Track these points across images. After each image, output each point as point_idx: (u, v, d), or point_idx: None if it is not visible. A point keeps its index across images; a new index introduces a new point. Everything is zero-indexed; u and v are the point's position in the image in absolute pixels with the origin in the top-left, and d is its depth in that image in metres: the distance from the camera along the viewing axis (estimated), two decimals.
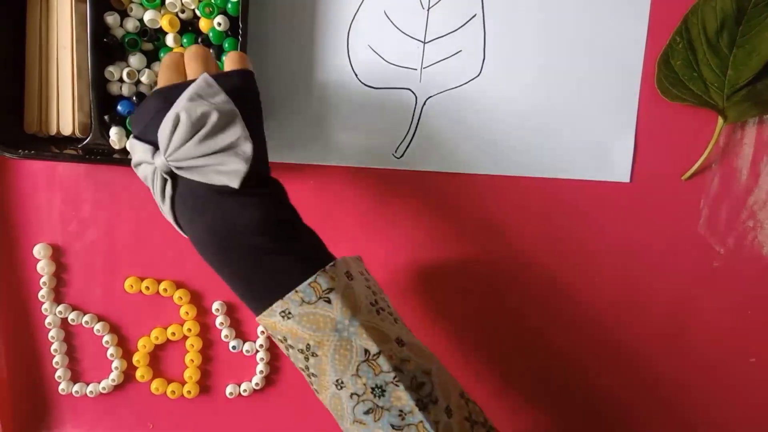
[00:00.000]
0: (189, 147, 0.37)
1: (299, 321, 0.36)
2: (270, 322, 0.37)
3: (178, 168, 0.38)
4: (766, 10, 0.47)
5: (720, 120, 0.50)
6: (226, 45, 0.48)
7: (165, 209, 0.40)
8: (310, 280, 0.36)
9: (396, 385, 0.35)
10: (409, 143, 0.52)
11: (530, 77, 0.51)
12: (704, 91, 0.49)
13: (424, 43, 0.50)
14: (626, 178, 0.52)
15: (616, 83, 0.51)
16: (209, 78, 0.38)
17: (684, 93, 0.49)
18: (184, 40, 0.48)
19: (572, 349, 0.55)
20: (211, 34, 0.48)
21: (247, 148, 0.37)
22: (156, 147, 0.38)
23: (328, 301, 0.36)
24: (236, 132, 0.37)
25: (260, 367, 0.55)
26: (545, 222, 0.53)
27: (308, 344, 0.36)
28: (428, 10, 0.50)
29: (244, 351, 0.55)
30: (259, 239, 0.37)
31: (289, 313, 0.36)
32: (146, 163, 0.39)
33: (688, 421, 0.56)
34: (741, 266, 0.53)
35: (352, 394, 0.36)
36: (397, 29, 0.50)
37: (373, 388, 0.35)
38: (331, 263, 0.37)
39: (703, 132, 0.51)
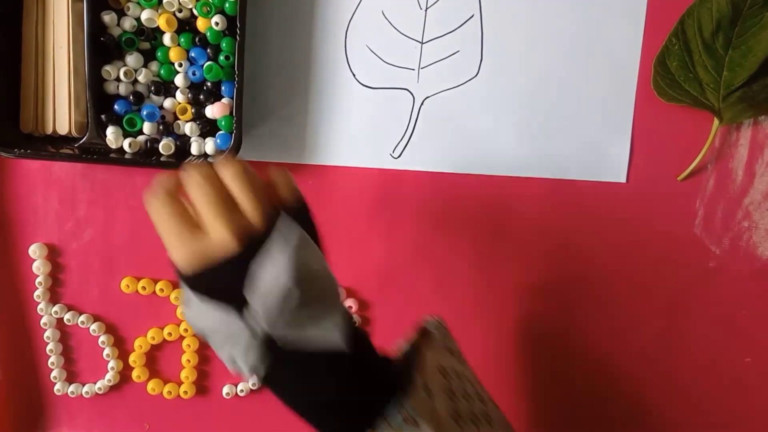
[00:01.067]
0: (296, 314, 0.31)
1: None
2: None
3: (278, 331, 0.32)
4: (761, 12, 0.47)
5: (716, 121, 0.50)
6: (224, 45, 0.48)
7: (245, 368, 0.33)
8: (396, 405, 0.33)
9: None
10: (407, 143, 0.52)
11: (527, 78, 0.51)
12: (700, 92, 0.49)
13: (422, 43, 0.50)
14: (622, 179, 0.52)
15: (613, 84, 0.51)
16: (296, 225, 0.32)
17: (680, 94, 0.50)
18: (182, 40, 0.48)
19: (566, 348, 0.55)
20: (208, 34, 0.48)
21: (341, 293, 0.35)
22: (238, 305, 0.31)
23: (417, 425, 0.33)
24: (333, 280, 0.34)
25: None
26: (542, 222, 0.53)
27: None
28: (426, 11, 0.50)
29: None
30: (351, 390, 0.34)
31: None
32: (225, 319, 0.32)
33: (685, 420, 0.56)
34: (736, 266, 0.53)
35: None
36: (395, 29, 0.50)
37: None
38: (411, 382, 0.35)
39: (698, 133, 0.51)
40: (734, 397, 0.55)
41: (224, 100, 0.49)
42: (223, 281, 0.31)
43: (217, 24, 0.47)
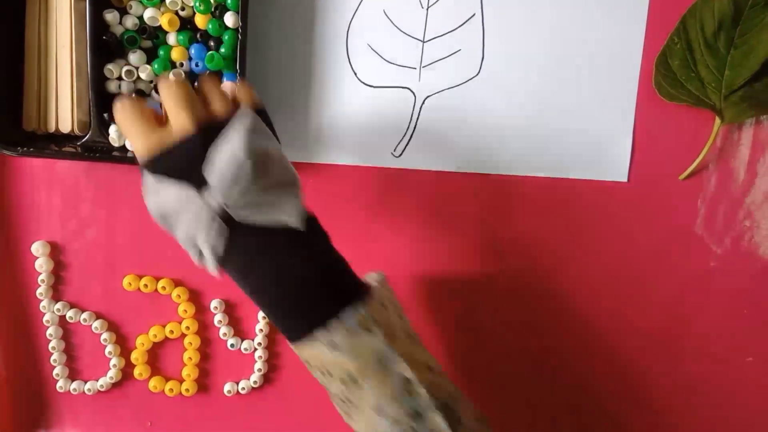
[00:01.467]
0: (252, 189, 0.35)
1: (344, 351, 0.36)
2: (311, 353, 0.38)
3: (237, 210, 0.35)
4: (763, 12, 0.47)
5: (717, 120, 0.50)
6: (225, 37, 0.48)
7: (207, 250, 0.36)
8: (354, 311, 0.36)
9: (432, 411, 0.36)
10: (408, 142, 0.52)
11: (529, 77, 0.51)
12: (702, 92, 0.49)
13: (423, 42, 0.50)
14: (624, 178, 0.52)
15: (615, 83, 0.51)
16: (253, 113, 0.36)
17: (682, 93, 0.50)
18: (180, 37, 0.48)
19: (568, 347, 0.55)
20: (210, 26, 0.48)
21: (299, 184, 0.38)
22: (197, 185, 0.35)
23: (370, 331, 0.36)
24: (290, 169, 0.38)
25: (258, 365, 0.55)
26: (543, 221, 0.53)
27: (349, 373, 0.37)
28: (427, 10, 0.50)
29: (242, 349, 0.55)
30: (306, 273, 0.37)
31: (335, 342, 0.36)
32: (180, 201, 0.35)
33: (686, 420, 0.56)
34: (738, 266, 0.53)
35: (393, 420, 0.37)
36: (397, 28, 0.50)
37: (411, 414, 0.37)
38: (368, 292, 0.38)
39: (700, 132, 0.51)
40: (736, 396, 0.55)
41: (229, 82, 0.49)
42: (180, 161, 0.35)
43: (223, 25, 0.47)
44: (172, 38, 0.48)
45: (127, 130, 0.36)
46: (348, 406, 0.39)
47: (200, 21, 0.48)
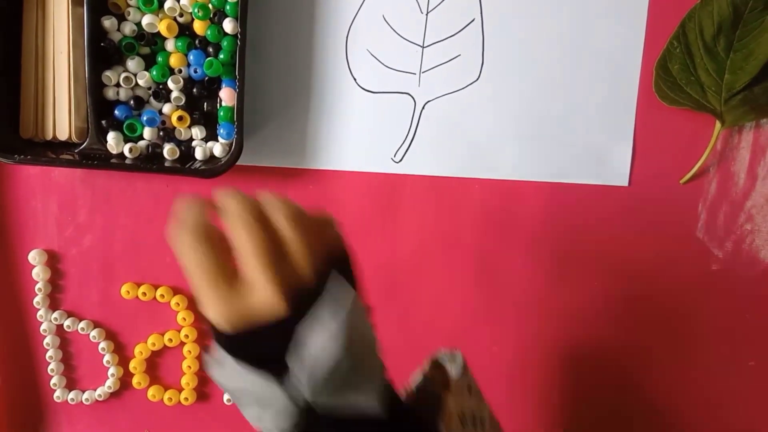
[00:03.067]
0: (339, 381, 0.28)
1: None
2: None
3: (320, 405, 0.28)
4: (762, 15, 0.47)
5: (717, 124, 0.50)
6: (224, 44, 0.48)
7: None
8: None
9: None
10: (408, 147, 0.52)
11: (529, 82, 0.51)
12: (702, 95, 0.49)
13: (423, 47, 0.50)
14: (625, 182, 0.52)
15: (615, 88, 0.51)
16: (343, 279, 0.29)
17: (682, 97, 0.50)
18: (178, 44, 0.48)
19: (569, 351, 0.55)
20: (208, 32, 0.47)
21: (383, 366, 0.30)
22: (278, 373, 0.27)
23: None
24: (377, 352, 0.30)
25: None
26: (544, 226, 0.53)
27: None
28: (427, 15, 0.50)
29: None
30: None
31: None
32: (262, 384, 0.27)
33: (687, 424, 0.56)
34: (739, 269, 0.53)
35: None
36: (396, 33, 0.50)
37: None
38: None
39: (700, 136, 0.51)
40: (737, 400, 0.55)
41: (228, 90, 0.49)
42: (266, 346, 0.27)
43: (221, 31, 0.47)
44: (170, 44, 0.48)
45: (196, 280, 0.27)
46: None
47: (199, 27, 0.48)
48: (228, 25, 0.47)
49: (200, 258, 0.26)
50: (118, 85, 0.48)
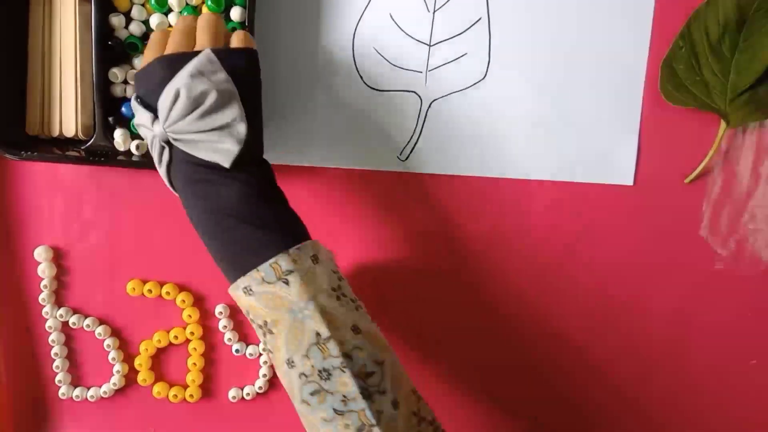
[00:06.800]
0: (186, 122, 0.38)
1: (258, 298, 0.38)
2: (235, 294, 0.39)
3: (174, 140, 0.39)
4: (767, 16, 0.47)
5: (722, 124, 0.50)
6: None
7: (161, 171, 0.42)
8: (271, 260, 0.37)
9: (342, 371, 0.36)
10: (414, 146, 0.52)
11: (535, 80, 0.51)
12: (707, 95, 0.50)
13: (430, 45, 0.50)
14: (629, 181, 0.52)
15: (620, 87, 0.51)
16: (212, 55, 0.39)
17: (687, 97, 0.50)
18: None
19: (573, 348, 0.55)
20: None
21: (242, 129, 0.39)
22: (155, 114, 0.40)
23: (287, 283, 0.37)
24: (233, 113, 0.39)
25: (263, 370, 0.55)
26: (549, 224, 0.53)
27: (265, 321, 0.38)
28: (434, 13, 0.50)
29: (247, 354, 0.54)
30: (240, 212, 0.38)
31: (251, 289, 0.38)
32: (145, 127, 0.41)
33: (690, 422, 0.56)
34: (742, 269, 0.53)
35: (300, 374, 0.37)
36: (403, 32, 0.50)
37: (320, 371, 0.37)
38: (297, 246, 0.38)
39: (705, 135, 0.51)
40: (739, 399, 0.55)
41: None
42: (150, 92, 0.40)
43: (233, 19, 0.47)
44: None
45: (150, 47, 0.42)
46: (271, 357, 0.39)
47: None
48: (235, 13, 0.47)
49: (156, 38, 0.42)
50: (125, 82, 0.48)
